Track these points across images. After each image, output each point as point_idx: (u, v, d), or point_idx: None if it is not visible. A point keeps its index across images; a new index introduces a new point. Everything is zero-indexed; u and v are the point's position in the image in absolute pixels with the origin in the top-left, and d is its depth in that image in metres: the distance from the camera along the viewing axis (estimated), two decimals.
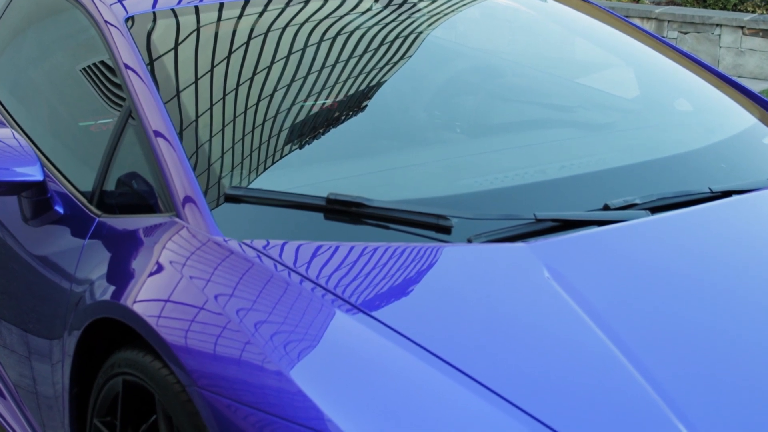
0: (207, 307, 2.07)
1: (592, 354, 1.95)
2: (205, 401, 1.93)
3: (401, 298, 2.13)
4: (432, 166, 2.58)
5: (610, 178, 2.53)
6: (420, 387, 1.86)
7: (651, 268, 2.20)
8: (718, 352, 2.00)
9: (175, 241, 2.27)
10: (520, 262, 2.15)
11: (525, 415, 1.81)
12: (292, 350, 1.90)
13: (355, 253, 2.20)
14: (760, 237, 2.40)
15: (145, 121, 2.48)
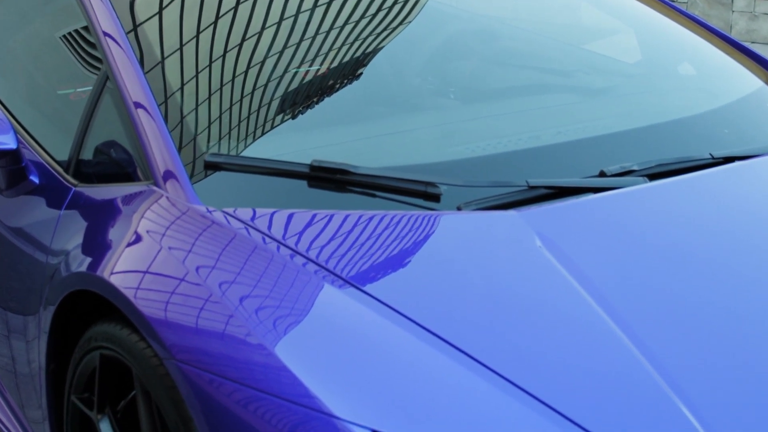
0: (187, 279, 2.07)
1: (585, 327, 1.95)
2: (184, 375, 1.93)
3: (389, 268, 2.13)
4: (422, 132, 2.58)
5: (607, 143, 2.53)
6: (410, 361, 1.86)
7: (647, 236, 2.20)
8: (716, 324, 2.00)
9: (154, 210, 2.27)
10: (511, 231, 2.16)
11: (517, 389, 1.81)
12: (277, 325, 1.91)
13: (339, 222, 2.20)
14: (762, 204, 2.40)
15: (123, 88, 2.48)
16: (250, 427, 1.82)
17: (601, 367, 1.88)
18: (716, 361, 1.91)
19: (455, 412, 1.76)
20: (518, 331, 1.94)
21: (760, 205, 2.40)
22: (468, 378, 1.82)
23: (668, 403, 1.80)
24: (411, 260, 2.14)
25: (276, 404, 1.81)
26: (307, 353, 1.87)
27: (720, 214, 2.34)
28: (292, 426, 1.78)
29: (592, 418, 1.76)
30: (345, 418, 1.74)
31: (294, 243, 2.11)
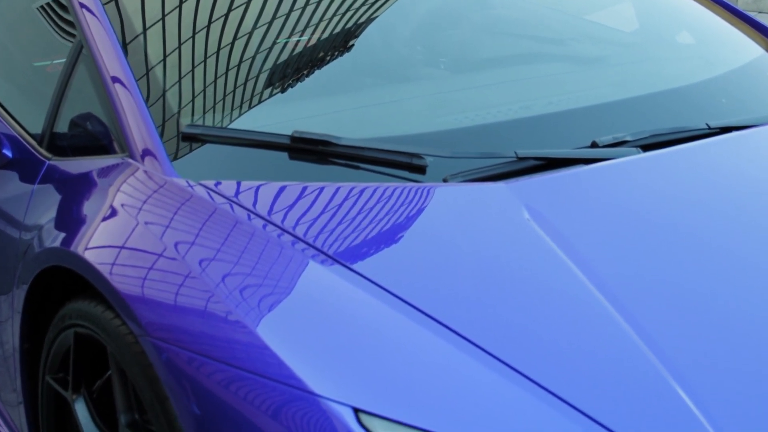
0: (165, 255, 2.07)
1: (575, 303, 1.94)
2: (160, 352, 1.93)
3: (373, 243, 2.12)
4: (408, 103, 2.57)
5: (600, 114, 2.52)
6: (395, 339, 1.85)
7: (640, 208, 2.19)
8: (710, 300, 1.99)
9: (130, 183, 2.27)
10: (499, 203, 2.15)
11: (505, 367, 1.81)
12: (261, 303, 1.90)
13: (323, 195, 2.19)
14: (760, 176, 2.39)
15: (99, 59, 2.47)
16: (229, 406, 1.82)
17: (590, 344, 1.87)
18: (708, 336, 1.90)
19: (440, 391, 1.76)
20: (505, 308, 1.94)
21: (758, 177, 2.39)
22: (455, 356, 1.81)
23: (661, 382, 1.79)
24: (396, 234, 2.14)
25: (257, 383, 1.81)
26: (291, 332, 1.87)
27: (716, 185, 2.34)
28: (272, 403, 1.78)
29: (583, 397, 1.75)
30: (325, 396, 1.74)
31: (277, 217, 2.11)
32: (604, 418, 1.72)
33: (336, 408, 1.72)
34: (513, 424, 1.71)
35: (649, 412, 1.74)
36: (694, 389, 1.77)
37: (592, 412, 1.73)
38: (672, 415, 1.73)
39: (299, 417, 1.74)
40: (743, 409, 1.76)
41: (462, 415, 1.71)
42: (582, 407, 1.73)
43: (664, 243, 2.12)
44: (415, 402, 1.73)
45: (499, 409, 1.73)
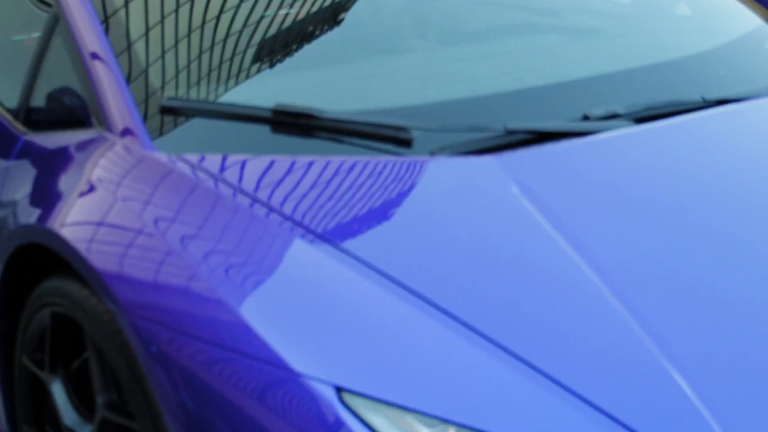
0: (145, 232, 2.07)
1: (563, 280, 1.93)
2: (138, 331, 1.93)
3: (359, 219, 2.12)
4: (395, 75, 2.56)
5: (592, 86, 2.52)
6: (380, 316, 1.85)
7: (632, 183, 2.19)
8: (705, 277, 1.99)
9: (108, 158, 2.27)
10: (487, 177, 2.15)
11: (493, 345, 1.81)
12: (245, 283, 1.90)
13: (307, 169, 2.19)
14: (757, 150, 2.39)
15: (75, 32, 2.46)
16: (211, 385, 1.82)
17: (576, 323, 1.86)
18: (703, 317, 1.90)
19: (425, 369, 1.76)
20: (492, 286, 1.94)
21: (756, 151, 2.38)
22: (441, 335, 1.81)
23: (656, 364, 1.78)
24: (382, 210, 2.14)
25: (239, 362, 1.81)
26: (274, 311, 1.87)
27: (712, 160, 2.33)
28: (254, 383, 1.78)
29: (574, 377, 1.75)
30: (308, 375, 1.74)
31: (261, 193, 2.10)
32: (592, 395, 1.72)
33: (318, 387, 1.72)
34: (499, 402, 1.71)
35: (642, 394, 1.74)
36: (688, 371, 1.77)
37: (581, 391, 1.73)
38: (667, 399, 1.73)
39: (281, 396, 1.74)
40: (740, 393, 1.76)
41: (447, 394, 1.72)
42: (574, 388, 1.73)
43: (658, 220, 2.11)
44: (399, 381, 1.74)
45: (484, 388, 1.73)
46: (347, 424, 1.66)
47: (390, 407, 1.68)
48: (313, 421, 1.69)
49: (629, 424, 1.68)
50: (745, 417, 1.72)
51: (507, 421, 1.68)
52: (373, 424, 1.66)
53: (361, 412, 1.67)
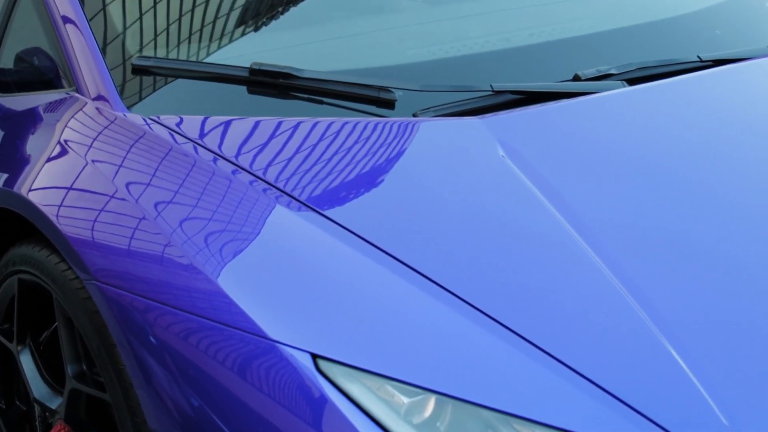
0: (117, 197, 2.06)
1: (551, 244, 1.92)
2: (108, 298, 1.93)
3: (341, 183, 2.11)
4: (378, 35, 2.55)
5: (583, 46, 2.51)
6: (362, 284, 1.83)
7: (623, 146, 2.17)
8: (701, 249, 1.97)
9: (78, 119, 2.25)
10: (471, 139, 2.13)
11: (476, 311, 1.79)
12: (223, 251, 1.89)
13: (287, 132, 2.18)
14: (754, 112, 2.38)
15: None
16: (182, 352, 1.82)
17: (563, 287, 1.85)
18: (696, 285, 1.88)
19: (404, 336, 1.75)
20: (477, 250, 1.92)
21: (753, 113, 2.37)
22: (423, 301, 1.80)
23: (648, 334, 1.77)
24: (364, 173, 2.13)
25: (214, 330, 1.80)
26: (252, 278, 1.85)
27: (707, 122, 2.32)
28: (229, 350, 1.77)
29: (558, 344, 1.74)
30: (283, 342, 1.73)
31: (241, 156, 2.09)
32: (578, 364, 1.72)
33: (294, 354, 1.72)
34: (482, 371, 1.70)
35: (632, 362, 1.73)
36: (678, 338, 1.76)
37: (566, 359, 1.72)
38: (657, 366, 1.73)
39: (257, 364, 1.74)
40: (732, 360, 1.75)
41: (428, 363, 1.71)
42: (559, 355, 1.73)
43: (649, 184, 2.10)
44: (378, 349, 1.73)
45: (467, 356, 1.72)
46: (323, 392, 1.66)
47: (369, 375, 1.68)
48: (288, 389, 1.69)
49: (616, 392, 1.67)
50: (737, 383, 1.71)
51: (491, 390, 1.67)
52: (350, 393, 1.66)
53: (338, 380, 1.67)
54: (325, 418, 1.65)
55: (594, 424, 1.62)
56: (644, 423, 1.63)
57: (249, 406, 1.72)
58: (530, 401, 1.65)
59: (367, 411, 1.64)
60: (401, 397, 1.65)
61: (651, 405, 1.65)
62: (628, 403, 1.65)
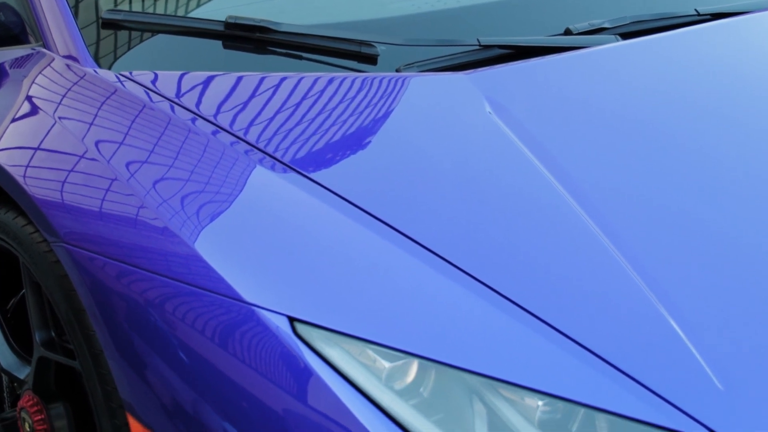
0: (87, 157, 2.04)
1: (543, 208, 1.91)
2: (76, 261, 1.91)
3: (323, 142, 2.09)
4: None
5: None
6: (342, 246, 1.81)
7: (616, 104, 2.16)
8: (697, 213, 1.95)
9: (47, 75, 2.23)
10: (457, 95, 2.12)
11: (461, 272, 1.78)
12: (199, 212, 1.87)
13: (266, 88, 2.16)
14: (753, 69, 2.36)
15: None
16: (157, 319, 1.80)
17: (552, 249, 1.84)
18: (690, 245, 1.87)
19: (390, 300, 1.73)
20: (464, 212, 1.91)
21: (752, 69, 2.35)
22: (407, 263, 1.77)
23: (644, 300, 1.76)
24: (349, 133, 2.11)
25: (192, 294, 1.78)
26: (230, 241, 1.84)
27: (704, 78, 2.31)
28: (204, 314, 1.76)
29: (547, 308, 1.73)
30: (259, 305, 1.72)
31: (219, 115, 2.07)
32: (568, 328, 1.70)
33: (270, 317, 1.70)
34: (467, 335, 1.69)
35: (626, 329, 1.72)
36: (675, 304, 1.75)
37: (556, 323, 1.71)
38: (653, 333, 1.71)
39: (233, 329, 1.72)
40: (728, 326, 1.75)
41: (410, 326, 1.69)
42: (548, 319, 1.71)
43: (644, 143, 2.08)
44: (359, 312, 1.71)
45: (452, 319, 1.71)
46: (300, 357, 1.64)
47: (348, 339, 1.66)
48: (265, 354, 1.67)
49: (607, 357, 1.66)
50: (733, 349, 1.71)
51: (476, 354, 1.65)
52: (329, 357, 1.64)
53: (317, 344, 1.65)
54: (303, 384, 1.63)
55: (584, 390, 1.61)
56: (637, 388, 1.62)
57: (225, 373, 1.71)
58: (517, 366, 1.63)
59: (347, 376, 1.62)
60: (382, 362, 1.64)
61: (644, 370, 1.64)
62: (620, 368, 1.64)
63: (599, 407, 1.59)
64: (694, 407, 1.59)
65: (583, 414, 1.59)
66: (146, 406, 1.83)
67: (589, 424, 1.59)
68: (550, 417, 1.60)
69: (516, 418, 1.60)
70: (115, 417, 1.90)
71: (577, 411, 1.59)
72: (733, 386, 1.62)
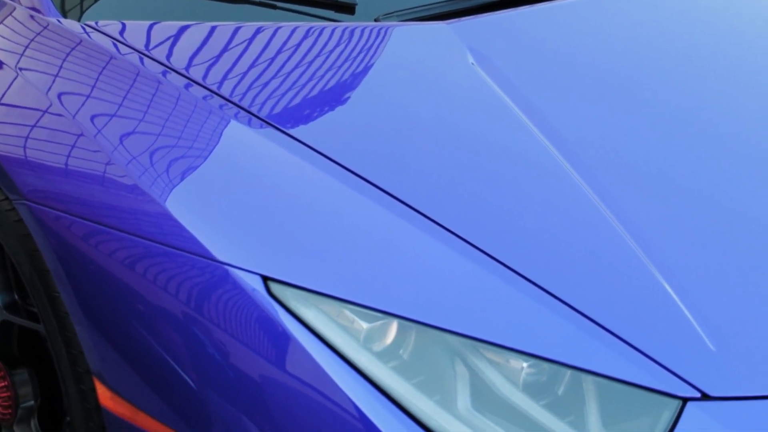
0: (51, 112, 2.02)
1: (529, 163, 1.90)
2: (40, 219, 1.89)
3: (301, 96, 2.07)
4: None
5: None
6: (322, 204, 1.79)
7: (601, 53, 2.16)
8: (682, 162, 1.95)
9: (8, 25, 2.21)
10: (439, 45, 2.11)
11: (448, 233, 1.76)
12: (169, 169, 1.85)
13: (240, 39, 2.14)
14: (743, 19, 2.35)
15: None
16: (127, 281, 1.78)
17: (540, 205, 1.83)
18: (678, 201, 1.87)
19: (368, 259, 1.71)
20: (448, 167, 1.89)
21: (743, 19, 2.34)
22: (388, 221, 1.76)
23: (627, 249, 1.75)
24: (328, 86, 2.09)
25: (163, 254, 1.76)
26: (202, 198, 1.82)
27: (693, 28, 2.31)
28: (176, 273, 1.74)
29: (533, 267, 1.71)
30: (232, 264, 1.70)
31: (191, 68, 2.05)
32: (554, 287, 1.69)
33: (243, 277, 1.68)
34: (449, 294, 1.67)
35: (615, 289, 1.70)
36: (666, 264, 1.74)
37: (540, 281, 1.69)
38: (643, 293, 1.70)
39: (205, 288, 1.70)
40: (720, 286, 1.74)
41: (390, 286, 1.67)
42: (534, 278, 1.70)
43: (631, 95, 2.08)
44: (336, 271, 1.69)
45: (431, 277, 1.69)
46: (274, 317, 1.63)
47: (325, 299, 1.64)
48: (238, 315, 1.66)
49: (595, 317, 1.65)
50: (725, 310, 1.70)
51: (458, 314, 1.63)
52: (305, 318, 1.62)
53: (291, 304, 1.64)
54: (278, 346, 1.62)
55: (571, 351, 1.60)
56: (626, 349, 1.61)
57: (198, 336, 1.69)
58: (501, 326, 1.62)
59: (324, 338, 1.60)
60: (361, 323, 1.62)
61: (634, 331, 1.63)
62: (609, 329, 1.63)
63: (587, 369, 1.57)
64: (685, 368, 1.58)
65: (569, 376, 1.58)
66: (114, 371, 1.82)
67: (576, 387, 1.57)
68: (536, 379, 1.59)
69: (500, 380, 1.58)
70: (81, 382, 1.89)
71: (563, 373, 1.58)
72: (726, 347, 1.61)
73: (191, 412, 1.72)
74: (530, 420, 1.56)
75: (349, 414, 1.56)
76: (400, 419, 1.55)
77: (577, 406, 1.57)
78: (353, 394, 1.57)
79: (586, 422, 1.56)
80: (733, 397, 1.58)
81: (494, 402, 1.57)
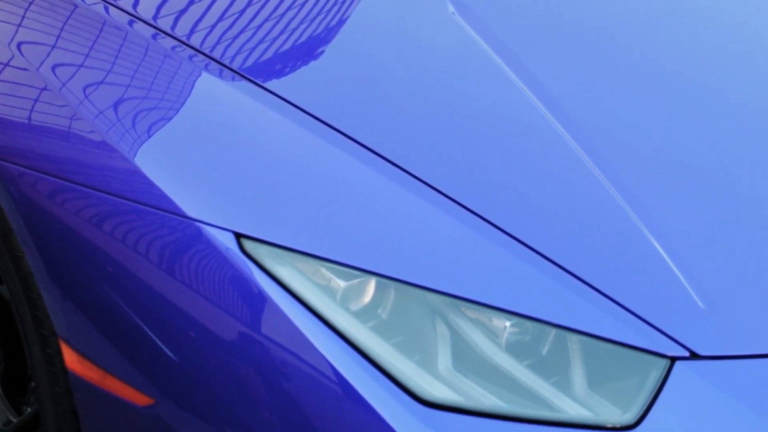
0: (13, 65, 2.00)
1: (512, 116, 1.90)
2: (0, 174, 1.87)
3: (277, 50, 2.07)
4: None
5: None
6: (299, 159, 1.78)
7: (588, 5, 2.14)
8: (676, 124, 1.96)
9: None
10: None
11: (431, 190, 1.75)
12: (137, 122, 1.84)
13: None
14: None
15: None
16: (95, 238, 1.77)
17: (524, 160, 1.83)
18: (671, 165, 1.88)
19: (347, 216, 1.70)
20: (430, 124, 1.89)
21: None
22: (367, 177, 1.75)
23: (617, 209, 1.76)
24: (304, 38, 2.09)
25: (133, 211, 1.75)
26: (172, 154, 1.80)
27: None
28: (146, 231, 1.73)
29: (519, 224, 1.71)
30: (203, 221, 1.69)
31: (160, 19, 2.04)
32: (539, 245, 1.68)
33: (215, 234, 1.67)
34: (428, 249, 1.66)
35: (604, 247, 1.71)
36: (656, 224, 1.75)
37: (526, 239, 1.69)
38: (633, 252, 1.71)
39: (175, 246, 1.69)
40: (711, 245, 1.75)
41: (368, 243, 1.67)
42: (519, 235, 1.69)
43: (620, 50, 2.09)
44: (312, 228, 1.68)
45: (410, 233, 1.68)
46: (247, 275, 1.62)
47: (300, 257, 1.63)
48: (210, 272, 1.65)
49: (582, 275, 1.65)
50: (715, 268, 1.71)
51: (438, 272, 1.63)
52: (279, 276, 1.61)
53: (265, 262, 1.62)
54: (252, 306, 1.61)
55: (556, 310, 1.59)
56: (613, 308, 1.61)
57: (168, 297, 1.68)
58: (483, 284, 1.62)
59: (299, 296, 1.60)
60: (338, 281, 1.61)
61: (621, 289, 1.63)
62: (595, 286, 1.63)
63: (572, 327, 1.57)
64: (673, 327, 1.58)
65: (554, 335, 1.58)
66: (81, 334, 1.81)
67: (560, 346, 1.57)
68: (519, 339, 1.58)
69: (482, 340, 1.58)
70: (47, 345, 1.88)
71: (547, 332, 1.58)
72: (716, 306, 1.61)
73: (162, 375, 1.71)
74: (513, 381, 1.56)
75: (326, 376, 1.56)
76: (379, 381, 1.55)
77: (562, 367, 1.56)
78: (330, 355, 1.56)
79: (571, 383, 1.56)
80: (723, 356, 1.58)
81: (476, 362, 1.57)
